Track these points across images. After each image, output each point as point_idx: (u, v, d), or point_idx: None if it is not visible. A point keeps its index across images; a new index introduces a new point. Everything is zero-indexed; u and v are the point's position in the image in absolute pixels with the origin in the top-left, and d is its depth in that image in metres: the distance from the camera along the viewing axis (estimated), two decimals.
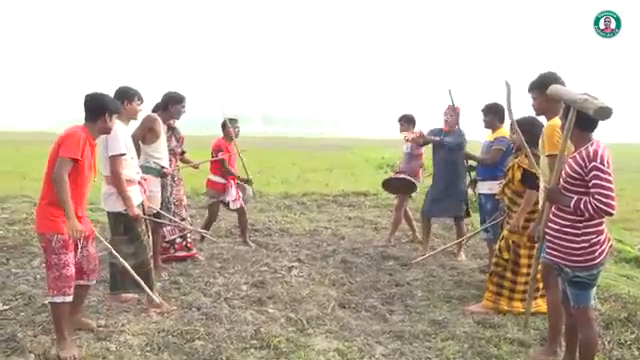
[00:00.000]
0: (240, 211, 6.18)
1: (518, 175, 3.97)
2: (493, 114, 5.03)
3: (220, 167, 5.96)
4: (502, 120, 5.03)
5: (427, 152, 6.58)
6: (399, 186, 6.44)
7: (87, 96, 3.41)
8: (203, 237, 6.14)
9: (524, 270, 4.04)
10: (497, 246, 4.22)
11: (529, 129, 3.88)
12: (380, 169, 17.41)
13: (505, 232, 4.12)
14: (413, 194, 6.61)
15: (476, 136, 6.27)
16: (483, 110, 5.13)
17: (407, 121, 6.49)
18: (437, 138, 5.70)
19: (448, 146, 5.55)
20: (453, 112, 5.66)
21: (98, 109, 3.34)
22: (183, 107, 5.00)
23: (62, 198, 3.13)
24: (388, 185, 6.56)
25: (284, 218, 8.21)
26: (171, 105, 4.89)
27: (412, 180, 6.17)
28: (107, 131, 3.45)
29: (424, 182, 6.95)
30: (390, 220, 7.33)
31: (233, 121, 6.10)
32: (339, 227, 7.54)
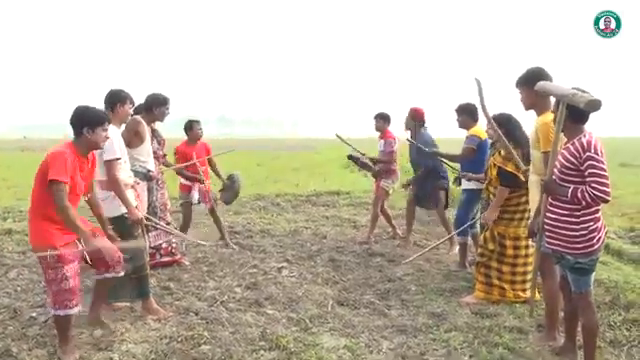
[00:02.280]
0: (212, 213, 6.19)
1: (494, 173, 4.12)
2: (466, 114, 5.13)
3: (188, 168, 5.92)
4: (476, 119, 5.14)
5: (402, 151, 6.74)
6: (362, 165, 6.73)
7: (72, 111, 3.26)
8: (183, 240, 6.05)
9: (509, 260, 4.19)
10: (482, 237, 4.36)
11: (505, 125, 4.03)
12: (346, 168, 17.50)
13: (491, 223, 4.26)
14: (390, 191, 6.69)
15: (456, 134, 6.42)
16: (456, 110, 5.25)
17: (382, 118, 6.59)
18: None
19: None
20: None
21: (78, 124, 3.19)
22: (167, 109, 4.89)
23: (71, 225, 3.08)
24: (353, 160, 6.75)
25: (261, 219, 8.16)
26: (155, 107, 4.78)
27: (370, 165, 6.57)
28: (95, 146, 3.26)
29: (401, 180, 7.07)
30: (368, 217, 7.42)
31: (196, 123, 6.09)
32: (319, 226, 7.56)
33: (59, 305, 3.16)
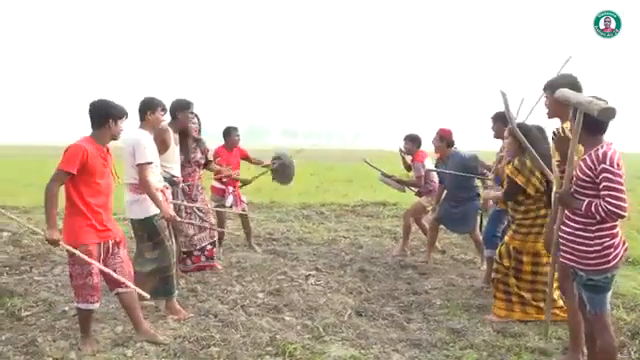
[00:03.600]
0: (243, 217, 6.36)
1: (506, 183, 3.95)
2: (501, 122, 4.93)
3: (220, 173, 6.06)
4: None
5: None
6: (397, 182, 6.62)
7: (91, 104, 3.41)
8: (220, 244, 6.20)
9: (527, 277, 3.98)
10: (497, 251, 4.15)
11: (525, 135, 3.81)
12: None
13: (506, 238, 4.06)
14: (429, 207, 6.46)
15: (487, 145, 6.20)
16: (492, 118, 5.08)
17: (411, 140, 6.41)
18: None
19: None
20: (437, 135, 5.73)
21: (102, 116, 3.34)
22: (191, 113, 4.98)
23: (45, 207, 3.18)
24: (385, 182, 6.69)
25: (302, 228, 8.20)
26: (178, 112, 4.86)
27: (403, 183, 6.53)
28: (114, 137, 3.41)
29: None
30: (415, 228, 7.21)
31: (234, 130, 6.26)
32: (357, 236, 7.50)
33: (82, 299, 3.34)
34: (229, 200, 6.08)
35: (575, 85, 3.15)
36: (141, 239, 4.04)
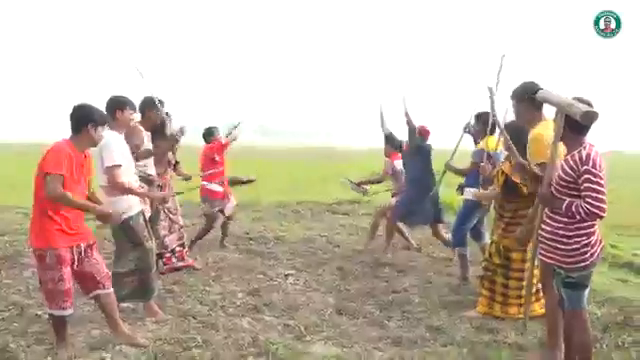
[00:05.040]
0: (228, 219, 6.41)
1: (501, 180, 3.98)
2: (482, 123, 4.98)
3: (219, 174, 6.09)
4: (492, 130, 4.95)
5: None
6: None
7: (74, 107, 3.30)
8: (192, 245, 6.13)
9: (516, 274, 4.02)
10: (487, 250, 4.22)
11: (516, 135, 3.84)
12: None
13: (495, 237, 4.11)
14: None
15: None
16: (475, 116, 5.13)
17: (392, 145, 6.48)
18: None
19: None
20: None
21: (82, 120, 3.23)
22: (158, 110, 4.84)
23: (76, 206, 3.15)
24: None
25: (279, 227, 8.17)
26: (148, 110, 4.72)
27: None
28: (93, 143, 3.32)
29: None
30: (383, 227, 7.30)
31: (215, 129, 6.40)
32: (334, 235, 7.53)
33: (55, 305, 3.21)
34: (232, 202, 6.24)
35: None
36: (120, 241, 3.95)
